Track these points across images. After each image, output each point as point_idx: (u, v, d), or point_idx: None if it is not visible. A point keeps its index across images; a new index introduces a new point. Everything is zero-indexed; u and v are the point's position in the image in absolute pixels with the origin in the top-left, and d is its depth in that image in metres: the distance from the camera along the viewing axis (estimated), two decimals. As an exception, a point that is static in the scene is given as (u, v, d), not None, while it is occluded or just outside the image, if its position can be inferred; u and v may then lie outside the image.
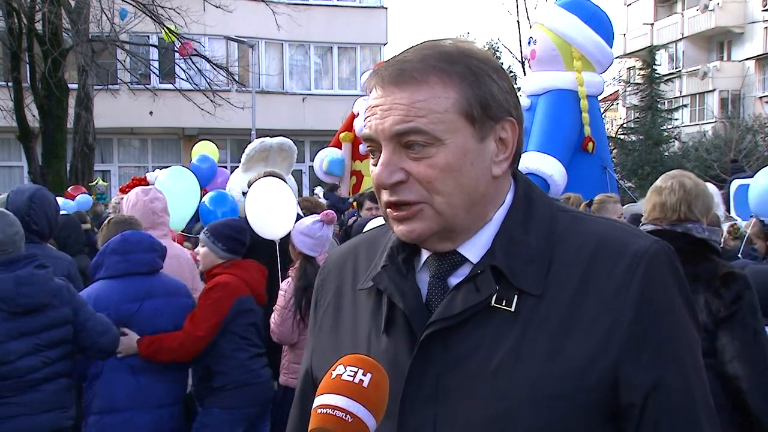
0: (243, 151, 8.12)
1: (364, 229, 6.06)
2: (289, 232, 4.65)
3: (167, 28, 15.18)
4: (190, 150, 10.57)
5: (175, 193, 6.20)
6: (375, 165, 1.24)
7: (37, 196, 3.93)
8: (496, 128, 1.23)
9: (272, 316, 4.40)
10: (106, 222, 4.33)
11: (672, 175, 3.05)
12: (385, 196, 1.22)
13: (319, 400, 1.05)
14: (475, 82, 1.21)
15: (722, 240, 6.24)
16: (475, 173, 1.21)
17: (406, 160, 1.19)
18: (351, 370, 1.06)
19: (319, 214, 4.58)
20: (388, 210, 1.23)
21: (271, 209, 5.15)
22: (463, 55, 1.22)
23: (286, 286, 4.42)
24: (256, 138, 9.03)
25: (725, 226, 6.14)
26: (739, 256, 5.29)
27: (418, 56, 1.22)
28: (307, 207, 6.17)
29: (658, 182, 3.05)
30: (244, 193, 7.20)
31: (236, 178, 7.28)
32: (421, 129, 1.18)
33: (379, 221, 6.10)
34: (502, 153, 1.24)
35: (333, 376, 1.07)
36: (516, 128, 1.25)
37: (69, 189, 12.30)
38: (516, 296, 1.18)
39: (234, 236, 4.21)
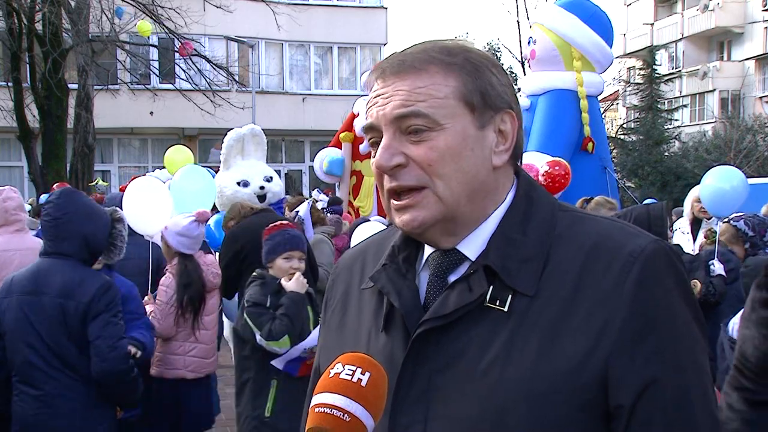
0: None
1: (355, 230, 6.09)
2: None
3: (157, 21, 15.11)
4: (191, 150, 10.52)
5: (189, 192, 6.11)
6: (374, 156, 1.25)
7: None
8: (496, 118, 1.25)
9: (152, 310, 4.53)
10: None
11: None
12: (386, 183, 1.24)
13: (316, 399, 1.05)
14: (474, 72, 1.24)
15: (698, 245, 6.25)
16: (475, 159, 1.22)
17: (406, 144, 1.21)
18: (349, 369, 1.06)
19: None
20: (391, 201, 1.24)
21: (147, 207, 5.32)
22: (462, 49, 1.26)
23: (167, 282, 4.58)
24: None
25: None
26: (713, 260, 5.26)
27: (419, 49, 1.26)
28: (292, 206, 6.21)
29: None
30: (240, 183, 7.14)
31: (223, 179, 7.07)
32: (422, 112, 1.20)
33: (371, 225, 6.12)
34: (502, 144, 1.26)
35: (331, 374, 1.07)
36: (515, 122, 1.27)
37: (54, 186, 12.26)
38: (510, 296, 1.18)
39: None
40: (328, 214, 9.44)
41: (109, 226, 3.65)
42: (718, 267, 5.19)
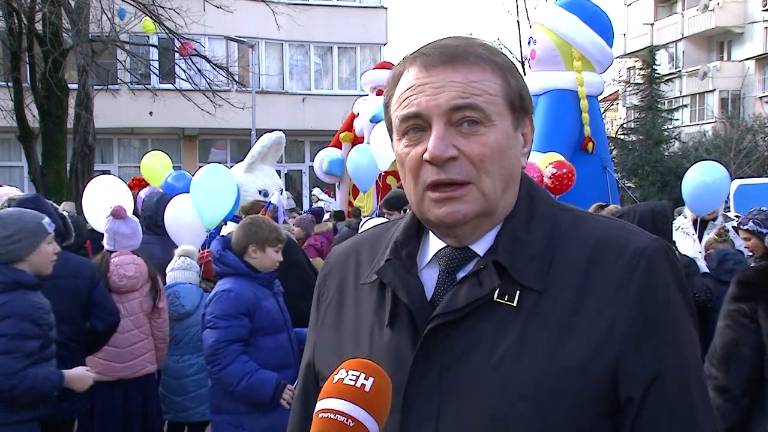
0: (244, 152, 8.16)
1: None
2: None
3: (157, 21, 15.11)
4: (191, 150, 10.47)
5: (210, 191, 6.15)
6: (410, 145, 1.23)
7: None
8: (525, 121, 1.28)
9: None
10: None
11: None
12: (430, 175, 1.22)
13: (321, 405, 1.05)
14: (513, 74, 1.26)
15: (705, 245, 6.25)
16: (512, 160, 1.25)
17: (457, 137, 1.21)
18: (353, 375, 1.06)
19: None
20: (430, 193, 1.22)
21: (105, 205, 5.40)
22: (497, 50, 1.28)
23: None
24: (257, 138, 9.03)
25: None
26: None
27: (464, 42, 1.25)
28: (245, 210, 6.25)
29: None
30: (261, 192, 7.34)
31: (246, 183, 7.27)
32: (478, 105, 1.20)
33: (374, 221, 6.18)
34: (525, 147, 1.30)
35: (335, 380, 1.07)
36: (533, 126, 1.31)
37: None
38: (518, 292, 1.20)
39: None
40: (304, 213, 9.49)
41: None
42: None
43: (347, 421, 1.02)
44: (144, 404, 4.92)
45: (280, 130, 9.01)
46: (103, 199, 5.64)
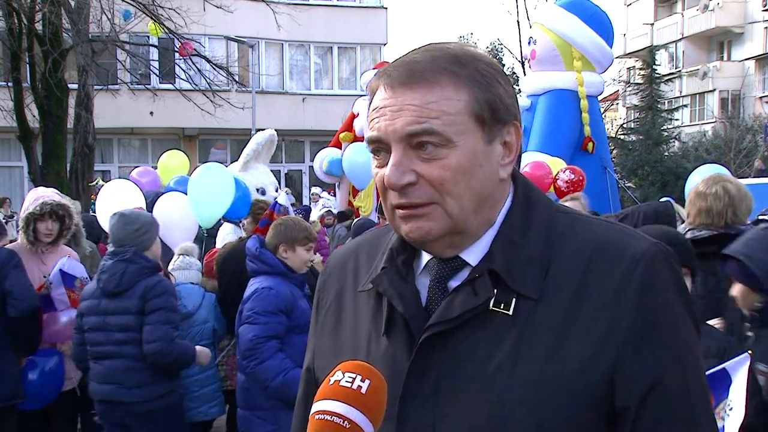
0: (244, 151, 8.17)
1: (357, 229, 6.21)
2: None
3: (162, 24, 15.13)
4: (191, 150, 10.51)
5: (206, 190, 6.17)
6: (379, 167, 1.23)
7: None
8: (503, 131, 1.24)
9: None
10: None
11: (715, 180, 3.10)
12: (393, 199, 1.21)
13: (317, 406, 1.05)
14: (484, 85, 1.21)
15: None
16: (483, 176, 1.21)
17: (416, 161, 1.18)
18: (349, 377, 1.06)
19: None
20: (396, 211, 1.22)
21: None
22: (471, 58, 1.22)
23: None
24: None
25: None
26: None
27: (428, 57, 1.21)
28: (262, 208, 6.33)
29: (700, 187, 3.09)
30: (258, 189, 7.42)
31: (242, 179, 7.35)
32: (435, 130, 1.17)
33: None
34: (507, 156, 1.25)
35: (331, 382, 1.07)
36: (519, 131, 1.27)
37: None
38: (514, 300, 1.19)
39: None
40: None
41: None
42: None
43: (343, 422, 1.02)
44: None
45: (280, 130, 9.08)
46: (118, 202, 5.74)
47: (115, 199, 6.04)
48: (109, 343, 4.16)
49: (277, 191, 7.65)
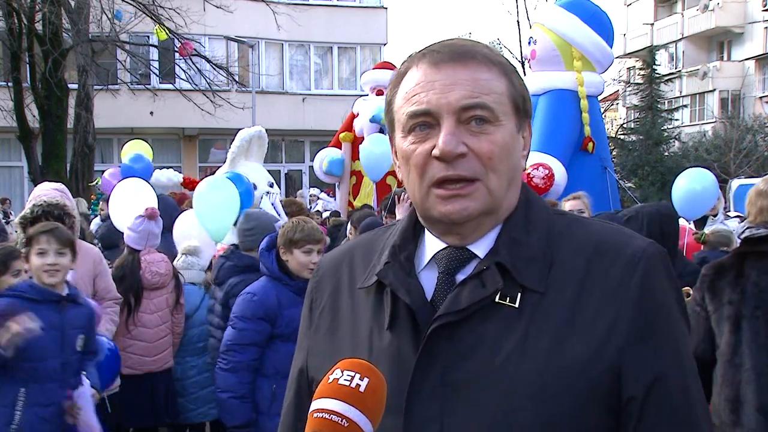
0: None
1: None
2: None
3: (162, 25, 15.14)
4: (191, 150, 10.54)
5: (212, 204, 6.20)
6: (417, 142, 1.24)
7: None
8: (525, 125, 1.30)
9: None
10: None
11: None
12: (438, 171, 1.22)
13: (315, 405, 1.05)
14: (516, 77, 1.28)
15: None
16: (515, 160, 1.27)
17: (466, 135, 1.22)
18: (348, 375, 1.06)
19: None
20: (436, 189, 1.23)
21: (130, 207, 5.57)
22: (500, 53, 1.30)
23: None
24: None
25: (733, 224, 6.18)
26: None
27: (470, 43, 1.27)
28: (292, 211, 6.36)
29: (761, 186, 3.13)
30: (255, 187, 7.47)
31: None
32: (488, 105, 1.22)
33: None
34: (524, 150, 1.31)
35: (330, 380, 1.07)
36: (531, 131, 1.33)
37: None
38: (520, 293, 1.21)
39: None
40: None
41: None
42: None
43: (341, 421, 1.03)
44: (166, 397, 5.02)
45: (280, 130, 9.08)
46: (132, 201, 5.80)
47: (128, 198, 6.06)
48: None
49: (271, 186, 7.64)
